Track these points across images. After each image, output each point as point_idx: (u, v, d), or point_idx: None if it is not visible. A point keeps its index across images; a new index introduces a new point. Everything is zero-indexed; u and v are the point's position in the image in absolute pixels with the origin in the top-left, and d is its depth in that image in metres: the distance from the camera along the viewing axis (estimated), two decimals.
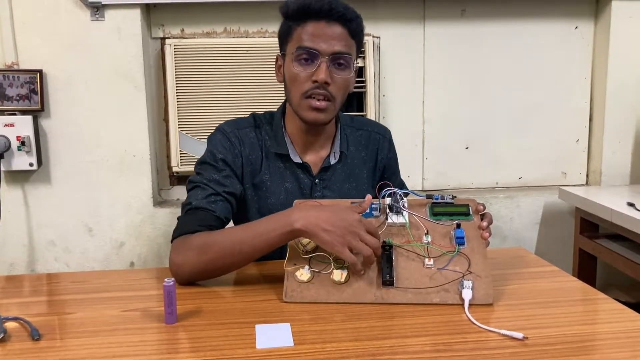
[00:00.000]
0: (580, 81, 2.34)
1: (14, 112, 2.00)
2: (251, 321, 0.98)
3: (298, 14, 1.24)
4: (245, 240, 1.13)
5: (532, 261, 1.32)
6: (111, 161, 2.10)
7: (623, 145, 2.31)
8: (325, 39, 1.22)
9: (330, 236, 1.06)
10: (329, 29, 1.23)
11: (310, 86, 1.24)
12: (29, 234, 2.11)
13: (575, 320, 1.02)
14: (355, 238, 1.06)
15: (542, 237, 2.33)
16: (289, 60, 1.27)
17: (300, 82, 1.25)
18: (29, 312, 1.05)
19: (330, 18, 1.22)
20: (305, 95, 1.25)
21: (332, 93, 1.25)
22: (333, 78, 1.24)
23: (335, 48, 1.23)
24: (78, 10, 2.02)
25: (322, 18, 1.23)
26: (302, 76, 1.25)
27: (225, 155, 1.31)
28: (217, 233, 1.17)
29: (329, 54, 1.23)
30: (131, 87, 2.07)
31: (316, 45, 1.22)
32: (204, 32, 2.16)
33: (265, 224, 1.12)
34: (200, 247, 1.14)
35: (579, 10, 2.30)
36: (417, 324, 0.98)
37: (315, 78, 1.23)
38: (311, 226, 1.07)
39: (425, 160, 2.33)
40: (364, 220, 1.09)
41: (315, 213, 1.08)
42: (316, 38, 1.22)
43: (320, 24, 1.23)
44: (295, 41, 1.25)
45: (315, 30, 1.23)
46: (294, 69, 1.25)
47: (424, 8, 2.23)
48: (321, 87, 1.24)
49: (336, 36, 1.23)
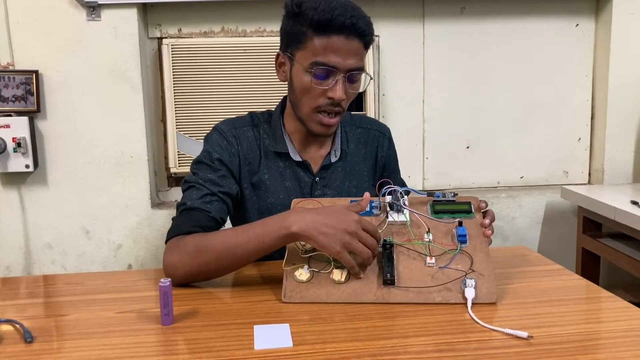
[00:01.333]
0: (581, 79, 2.33)
1: (9, 114, 1.98)
2: (249, 322, 0.96)
3: (320, 25, 1.17)
4: (241, 243, 1.10)
5: (535, 259, 1.30)
6: (108, 162, 2.08)
7: (625, 143, 2.29)
8: (343, 55, 1.18)
9: (328, 239, 1.03)
10: (349, 44, 1.18)
11: (324, 102, 1.22)
12: (25, 236, 2.09)
13: (580, 318, 1.00)
14: (354, 239, 1.04)
15: (544, 236, 2.30)
16: (300, 68, 1.22)
17: (313, 97, 1.22)
18: (23, 314, 1.03)
19: (351, 33, 1.18)
20: (317, 110, 1.23)
21: (343, 107, 1.24)
22: (347, 93, 1.22)
23: (352, 64, 1.19)
24: (74, 10, 2.00)
25: (343, 32, 1.17)
26: (317, 91, 1.21)
27: (221, 155, 1.29)
28: (212, 235, 1.15)
29: (346, 71, 1.20)
30: (128, 87, 2.05)
31: (334, 62, 1.18)
32: (202, 32, 2.14)
33: (261, 227, 1.10)
34: (194, 249, 1.12)
35: (579, 7, 2.28)
36: (419, 323, 0.96)
37: (332, 95, 1.20)
38: (308, 229, 1.04)
39: (426, 160, 2.31)
40: (362, 220, 1.06)
41: (312, 216, 1.06)
42: (334, 54, 1.18)
43: (340, 39, 1.17)
44: (311, 52, 1.19)
45: (335, 46, 1.18)
46: (308, 82, 1.21)
47: (423, 6, 2.21)
48: (335, 104, 1.22)
49: (353, 51, 1.19)
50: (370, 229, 1.06)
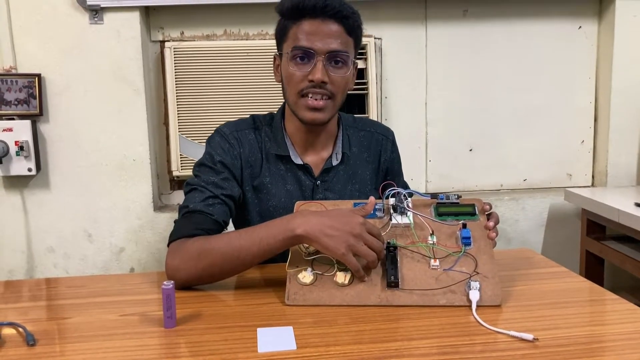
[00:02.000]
0: (584, 81, 2.32)
1: (12, 117, 1.98)
2: (252, 324, 0.96)
3: (293, 11, 1.22)
4: (244, 246, 1.10)
5: (539, 262, 1.29)
6: (110, 166, 2.08)
7: (629, 146, 2.28)
8: (321, 37, 1.20)
9: (333, 241, 1.03)
10: (325, 26, 1.21)
11: (306, 85, 1.22)
12: (27, 240, 2.09)
13: (585, 320, 0.99)
14: (359, 242, 1.03)
15: (548, 239, 2.30)
16: (285, 59, 1.25)
17: (296, 82, 1.23)
18: (26, 317, 1.03)
19: (325, 15, 1.20)
20: (301, 94, 1.24)
21: (331, 91, 1.24)
22: (330, 77, 1.22)
23: (331, 46, 1.21)
24: (77, 13, 2.01)
25: (318, 16, 1.20)
26: (298, 75, 1.23)
27: (223, 158, 1.28)
28: (215, 238, 1.14)
29: (325, 53, 1.21)
30: (130, 90, 2.05)
31: (312, 44, 1.20)
32: (204, 35, 2.14)
33: (265, 230, 1.09)
34: (197, 252, 1.12)
35: (582, 10, 2.28)
36: (423, 326, 0.95)
37: (312, 77, 1.21)
38: (313, 232, 1.04)
39: (429, 163, 2.30)
40: (367, 223, 1.06)
41: (317, 218, 1.06)
42: (311, 36, 1.20)
43: (316, 22, 1.21)
44: (291, 40, 1.23)
45: (311, 29, 1.21)
46: (290, 69, 1.23)
47: (426, 9, 2.21)
48: (318, 86, 1.22)
49: (332, 34, 1.21)
50: (375, 232, 1.06)
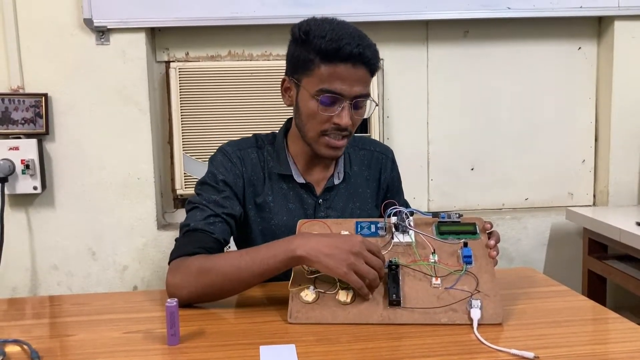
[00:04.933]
0: (585, 101, 2.34)
1: (18, 136, 2.00)
2: (255, 342, 0.96)
3: (328, 53, 1.19)
4: (245, 266, 1.10)
5: (540, 280, 1.30)
6: (115, 184, 2.10)
7: (630, 165, 2.29)
8: (350, 82, 1.20)
9: (333, 261, 1.04)
10: (355, 72, 1.20)
11: (330, 127, 1.23)
12: (32, 257, 2.10)
13: (587, 339, 0.99)
14: (360, 260, 1.04)
15: (549, 258, 2.30)
16: (306, 94, 1.23)
17: (319, 121, 1.24)
18: (30, 334, 1.03)
19: (358, 62, 1.19)
20: (323, 133, 1.25)
21: (350, 131, 1.26)
22: (353, 119, 1.23)
23: (358, 91, 1.21)
24: (83, 34, 2.04)
25: (350, 61, 1.19)
26: (323, 116, 1.23)
27: (226, 176, 1.30)
28: (215, 257, 1.15)
29: (352, 98, 1.21)
30: (136, 110, 2.08)
31: (341, 89, 1.20)
32: (209, 56, 2.17)
33: (265, 250, 1.11)
34: (198, 271, 1.12)
35: (582, 31, 2.30)
36: (425, 344, 0.96)
37: (339, 122, 1.21)
38: (313, 252, 1.05)
39: (431, 182, 2.31)
40: (366, 241, 1.07)
41: (317, 238, 1.07)
42: (341, 82, 1.19)
43: (347, 67, 1.19)
44: (318, 79, 1.21)
45: (342, 74, 1.19)
46: (314, 108, 1.22)
47: (427, 30, 2.24)
48: (341, 129, 1.23)
49: (359, 79, 1.21)
50: (375, 249, 1.07)
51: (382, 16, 2.11)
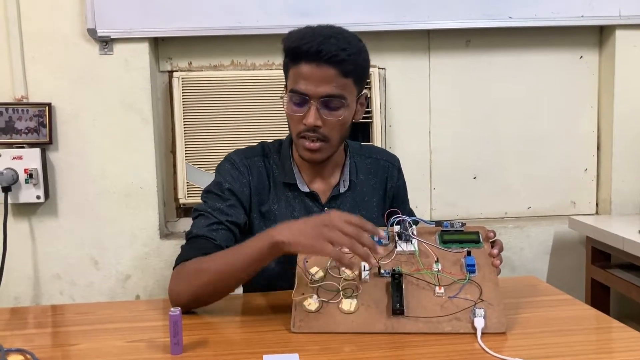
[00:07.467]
0: (586, 110, 2.34)
1: (22, 145, 2.01)
2: (258, 352, 0.96)
3: (291, 54, 1.23)
4: (233, 260, 1.12)
5: (544, 289, 1.30)
6: (118, 193, 2.10)
7: (632, 173, 2.29)
8: (315, 81, 1.20)
9: (308, 238, 1.04)
10: (319, 71, 1.20)
11: (302, 128, 1.24)
12: (34, 267, 2.10)
13: (591, 348, 0.99)
14: (333, 230, 1.02)
15: (552, 267, 2.29)
16: (286, 98, 1.27)
17: (294, 123, 1.26)
18: (32, 343, 1.03)
19: (320, 60, 1.19)
20: (299, 136, 1.26)
21: (324, 134, 1.24)
22: (324, 120, 1.23)
23: (325, 91, 1.21)
24: (87, 44, 2.05)
25: (313, 60, 1.20)
26: (295, 117, 1.25)
27: (232, 185, 1.30)
28: (207, 257, 1.16)
29: (318, 97, 1.21)
30: (139, 119, 2.08)
31: (305, 89, 1.21)
32: (211, 65, 2.18)
33: (249, 243, 1.13)
34: (194, 272, 1.14)
35: (583, 40, 2.31)
36: (429, 353, 0.95)
37: (305, 122, 1.23)
38: (291, 235, 1.06)
39: (433, 191, 2.31)
40: (344, 214, 1.05)
41: (295, 223, 1.08)
42: (306, 81, 1.21)
43: (311, 66, 1.20)
44: (290, 80, 1.25)
45: (306, 73, 1.20)
46: (289, 109, 1.26)
47: (429, 39, 2.25)
48: (312, 130, 1.24)
49: (326, 78, 1.20)
50: (355, 221, 1.04)
51: (384, 26, 2.12)
